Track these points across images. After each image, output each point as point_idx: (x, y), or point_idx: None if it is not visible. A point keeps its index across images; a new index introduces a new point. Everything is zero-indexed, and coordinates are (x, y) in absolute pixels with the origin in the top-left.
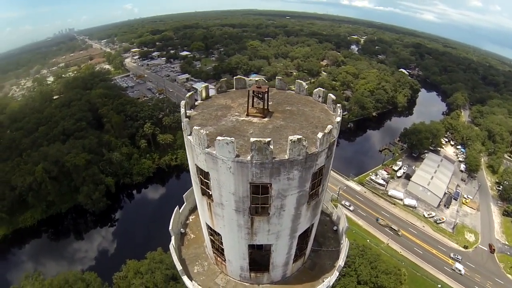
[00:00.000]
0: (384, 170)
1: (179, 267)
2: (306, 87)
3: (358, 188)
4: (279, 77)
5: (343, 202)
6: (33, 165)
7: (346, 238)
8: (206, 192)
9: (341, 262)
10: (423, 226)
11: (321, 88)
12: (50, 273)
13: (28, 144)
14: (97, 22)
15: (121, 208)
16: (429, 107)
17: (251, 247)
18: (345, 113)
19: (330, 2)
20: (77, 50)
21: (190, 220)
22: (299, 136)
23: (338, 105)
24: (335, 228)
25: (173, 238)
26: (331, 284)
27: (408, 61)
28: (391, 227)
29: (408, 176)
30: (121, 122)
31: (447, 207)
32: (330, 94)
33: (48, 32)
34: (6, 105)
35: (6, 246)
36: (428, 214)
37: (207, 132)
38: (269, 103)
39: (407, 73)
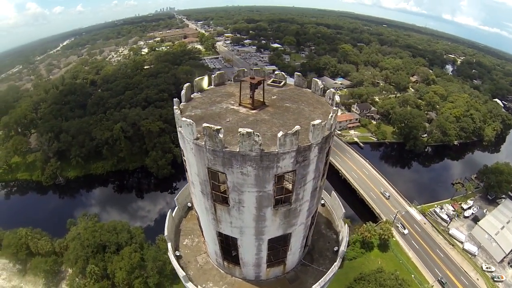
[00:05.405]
0: (451, 205)
1: (166, 232)
2: (321, 86)
3: (418, 217)
4: (298, 73)
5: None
6: (113, 123)
7: (338, 263)
8: (186, 169)
9: (316, 286)
10: (477, 279)
11: (332, 90)
12: (104, 218)
13: (113, 104)
14: (197, 4)
15: (184, 179)
16: None
17: (219, 234)
18: (425, 135)
19: (431, 15)
20: (174, 28)
21: None
22: (249, 130)
23: (334, 108)
24: (336, 248)
25: (176, 208)
26: None
27: (506, 91)
28: None
29: (476, 219)
30: None
31: (511, 266)
32: (336, 96)
33: (150, 9)
34: (102, 67)
35: (76, 186)
36: (487, 267)
37: (193, 114)
38: (273, 97)
39: (502, 105)
